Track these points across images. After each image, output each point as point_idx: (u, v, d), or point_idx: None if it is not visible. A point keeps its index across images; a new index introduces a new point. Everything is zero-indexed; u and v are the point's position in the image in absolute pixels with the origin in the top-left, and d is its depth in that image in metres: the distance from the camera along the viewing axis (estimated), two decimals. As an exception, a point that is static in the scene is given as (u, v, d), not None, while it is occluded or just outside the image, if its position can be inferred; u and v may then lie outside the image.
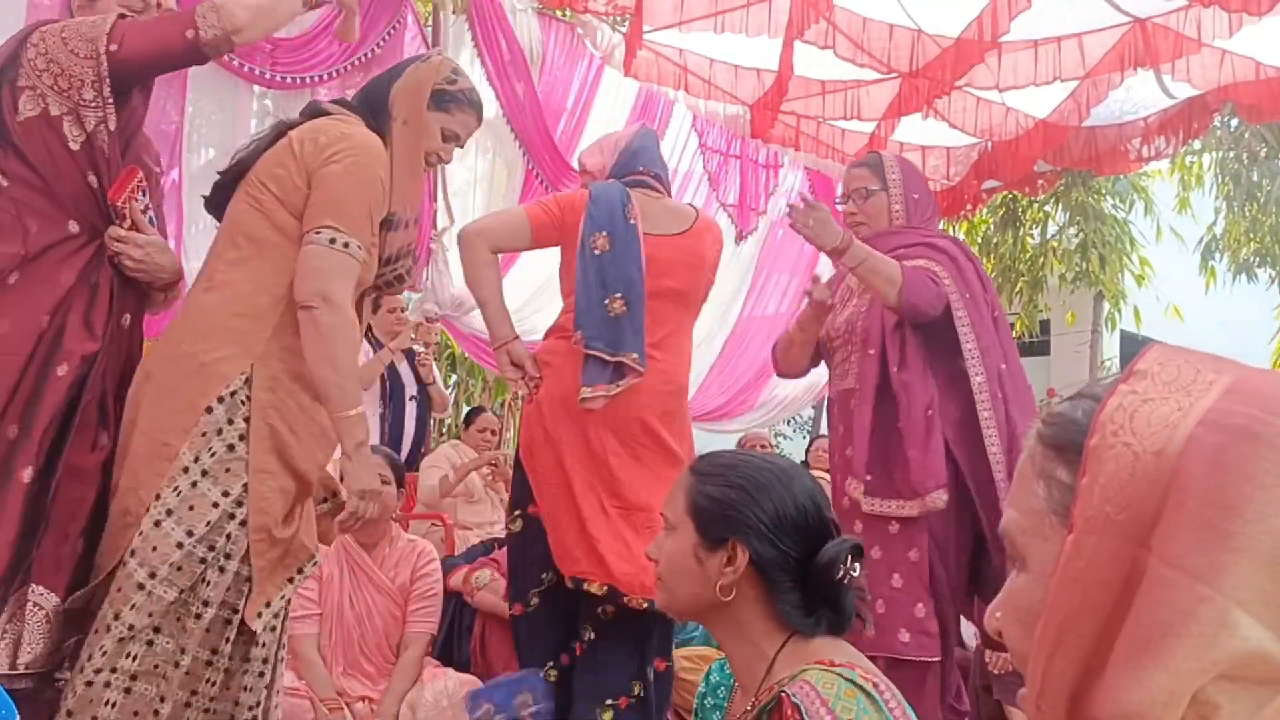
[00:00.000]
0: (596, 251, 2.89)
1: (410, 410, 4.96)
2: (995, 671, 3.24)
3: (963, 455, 2.94)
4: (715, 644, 3.56)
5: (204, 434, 2.07)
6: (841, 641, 1.57)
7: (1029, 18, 4.30)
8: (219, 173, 2.34)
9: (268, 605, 2.13)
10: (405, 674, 3.29)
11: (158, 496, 2.03)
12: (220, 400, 2.09)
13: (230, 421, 2.09)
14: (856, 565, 1.53)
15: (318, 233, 2.14)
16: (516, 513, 3.01)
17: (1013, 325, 10.07)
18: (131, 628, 1.98)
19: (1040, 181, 6.43)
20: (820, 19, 4.36)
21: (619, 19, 5.20)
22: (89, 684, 1.96)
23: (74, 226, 2.15)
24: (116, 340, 2.18)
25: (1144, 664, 0.62)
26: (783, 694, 1.39)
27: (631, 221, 2.94)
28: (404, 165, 2.31)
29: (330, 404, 2.16)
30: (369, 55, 4.24)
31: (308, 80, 4.10)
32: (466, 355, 5.27)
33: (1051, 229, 9.48)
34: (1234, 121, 8.09)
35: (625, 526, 2.84)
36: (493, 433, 5.60)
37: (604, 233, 2.91)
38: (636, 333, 2.88)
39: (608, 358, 2.84)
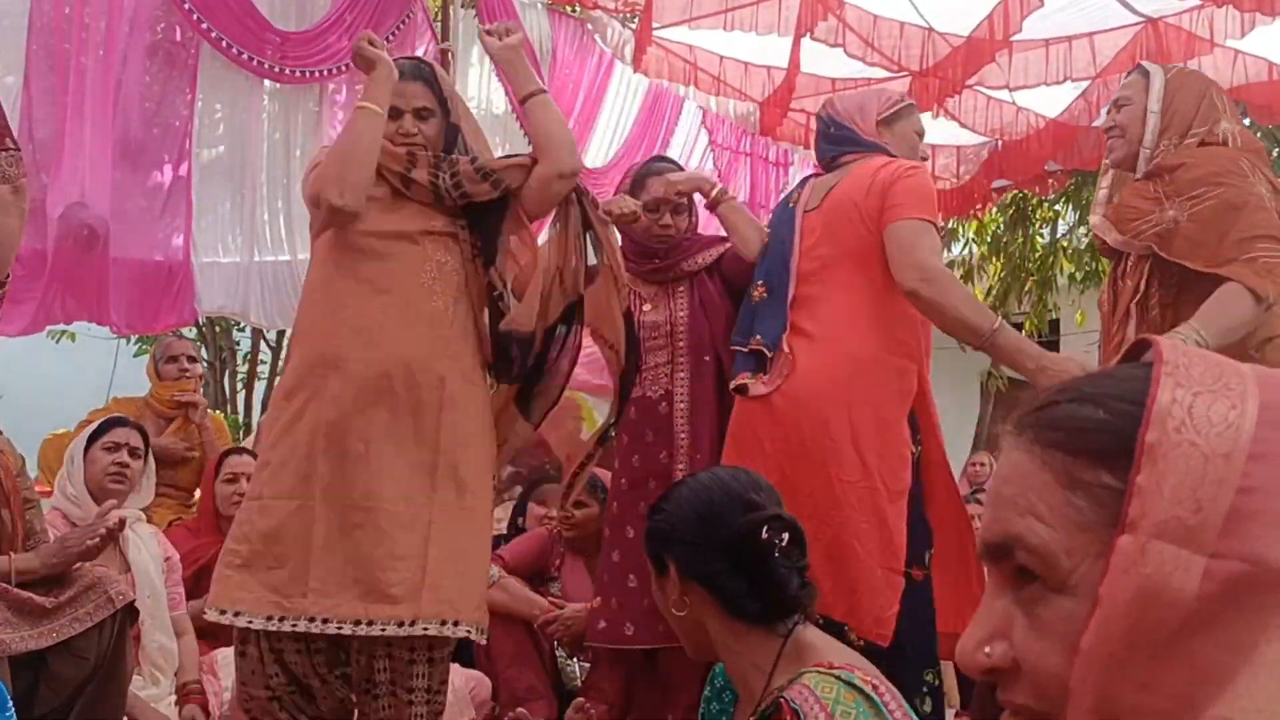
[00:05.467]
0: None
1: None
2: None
3: None
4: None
5: None
6: (839, 644, 1.58)
7: (1040, 17, 4.29)
8: None
9: None
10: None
11: None
12: None
13: None
14: (785, 536, 1.56)
15: None
16: None
17: (1022, 325, 10.04)
18: None
19: (1050, 181, 6.42)
20: (830, 16, 4.36)
21: (629, 15, 5.19)
22: None
23: None
24: None
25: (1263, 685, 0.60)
26: (781, 699, 1.40)
27: (790, 205, 2.83)
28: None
29: None
30: (378, 50, 4.25)
31: (317, 74, 4.09)
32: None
33: (1061, 228, 9.45)
34: (1246, 122, 8.05)
35: None
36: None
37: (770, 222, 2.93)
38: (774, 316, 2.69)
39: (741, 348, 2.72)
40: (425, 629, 2.18)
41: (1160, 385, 0.63)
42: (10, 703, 1.54)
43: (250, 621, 2.22)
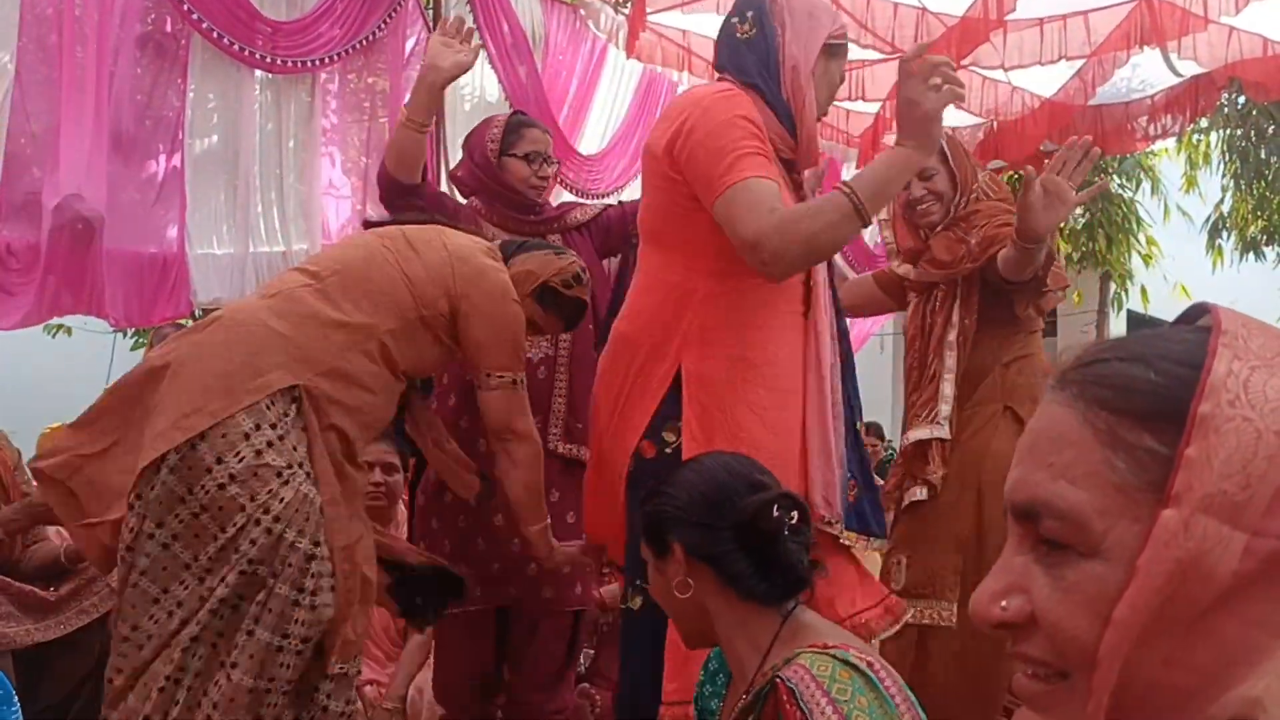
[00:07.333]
0: None
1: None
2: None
3: None
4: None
5: None
6: (835, 625, 1.59)
7: (1035, -5, 4.28)
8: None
9: None
10: (413, 657, 3.29)
11: None
12: None
13: None
14: (794, 514, 1.56)
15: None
16: None
17: (1019, 306, 10.03)
18: None
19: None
20: (824, -2, 4.33)
21: (621, 1, 5.17)
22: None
23: None
24: None
25: None
26: (777, 679, 1.40)
27: None
28: None
29: None
30: (370, 39, 4.22)
31: (309, 64, 4.07)
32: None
33: (1057, 209, 9.45)
34: (1241, 99, 8.04)
35: None
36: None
37: None
38: None
39: None
40: None
41: (1217, 356, 0.62)
42: (16, 698, 1.54)
43: None
